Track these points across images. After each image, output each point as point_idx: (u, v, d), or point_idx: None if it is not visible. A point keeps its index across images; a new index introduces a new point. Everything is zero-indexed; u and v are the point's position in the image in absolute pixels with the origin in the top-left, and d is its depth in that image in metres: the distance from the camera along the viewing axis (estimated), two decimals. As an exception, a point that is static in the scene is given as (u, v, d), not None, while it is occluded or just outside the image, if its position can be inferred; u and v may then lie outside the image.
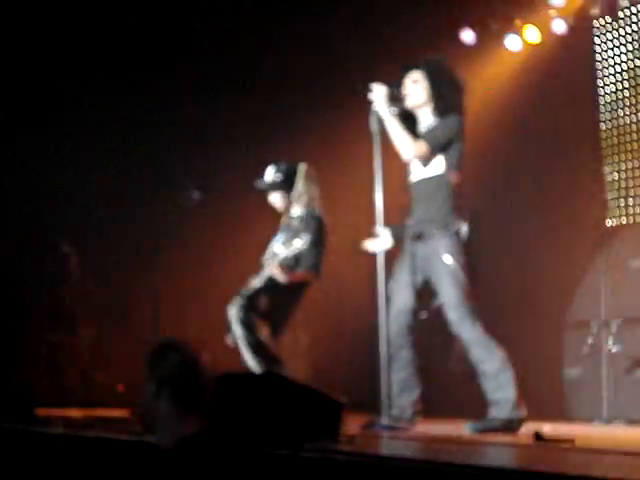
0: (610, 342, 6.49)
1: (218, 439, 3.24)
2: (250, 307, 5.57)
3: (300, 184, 5.83)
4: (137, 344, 6.71)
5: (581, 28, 7.64)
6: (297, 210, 5.86)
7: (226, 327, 5.62)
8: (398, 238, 5.09)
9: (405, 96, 5.02)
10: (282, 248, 5.65)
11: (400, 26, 7.50)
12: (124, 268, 7.48)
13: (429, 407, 5.02)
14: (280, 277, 5.56)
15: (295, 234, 5.65)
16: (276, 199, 5.94)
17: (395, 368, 4.93)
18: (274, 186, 5.90)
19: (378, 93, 4.95)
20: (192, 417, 2.99)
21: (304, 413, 3.76)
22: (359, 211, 5.79)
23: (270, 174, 5.91)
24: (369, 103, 4.99)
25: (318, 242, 5.69)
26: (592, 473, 2.73)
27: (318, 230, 5.71)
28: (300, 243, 5.50)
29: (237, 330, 5.54)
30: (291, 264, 5.64)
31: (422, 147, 4.90)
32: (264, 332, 5.61)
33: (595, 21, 7.79)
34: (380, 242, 5.12)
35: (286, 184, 5.85)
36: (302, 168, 5.88)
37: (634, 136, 7.64)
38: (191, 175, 7.19)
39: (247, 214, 7.13)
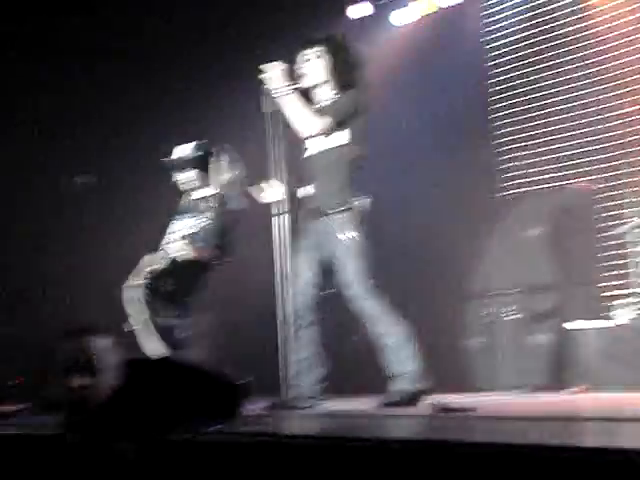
0: (506, 311, 6.59)
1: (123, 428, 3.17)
2: (155, 289, 5.44)
3: (215, 164, 5.71)
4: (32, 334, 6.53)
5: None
6: (206, 191, 5.73)
7: (123, 312, 5.47)
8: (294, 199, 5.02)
9: (303, 74, 4.96)
10: (187, 227, 5.54)
11: (288, 4, 7.46)
12: (15, 256, 7.25)
13: (334, 385, 5.00)
14: (189, 252, 5.46)
15: (203, 214, 5.55)
16: (187, 177, 5.76)
17: (299, 346, 4.90)
18: (191, 163, 5.73)
19: (274, 71, 4.87)
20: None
21: (203, 396, 3.71)
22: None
23: (188, 150, 5.73)
24: (261, 84, 4.91)
25: (226, 222, 5.58)
26: (495, 440, 2.74)
27: (226, 211, 5.62)
28: (206, 221, 5.40)
29: (141, 312, 5.40)
30: (198, 242, 5.53)
31: (326, 121, 4.86)
32: (169, 314, 5.50)
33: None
34: (271, 192, 5.06)
35: (203, 163, 5.71)
36: (228, 148, 5.77)
37: (523, 108, 7.77)
38: (82, 158, 7.00)
39: (141, 197, 6.99)
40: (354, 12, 7.91)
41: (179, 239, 5.53)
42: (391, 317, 4.77)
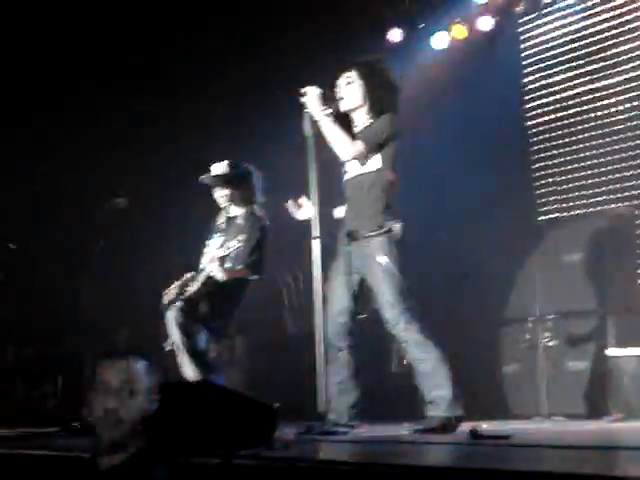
0: (546, 337, 6.52)
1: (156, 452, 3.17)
2: (189, 311, 5.45)
3: (250, 183, 5.75)
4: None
5: (506, 24, 7.73)
6: (237, 210, 5.77)
7: (163, 333, 5.49)
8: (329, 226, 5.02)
9: (340, 98, 4.98)
10: (220, 247, 5.57)
11: (329, 27, 7.50)
12: (51, 274, 7.31)
13: (369, 410, 4.96)
14: (219, 274, 5.47)
15: (234, 234, 5.57)
16: (221, 195, 5.81)
17: (333, 371, 4.87)
18: (224, 180, 5.75)
19: (311, 95, 4.90)
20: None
21: (238, 421, 3.70)
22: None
23: (221, 168, 5.76)
24: (302, 107, 4.94)
25: (256, 241, 5.60)
26: (527, 468, 2.70)
27: (257, 229, 5.64)
28: (237, 242, 5.42)
29: (175, 335, 5.42)
30: (229, 263, 5.54)
31: (359, 146, 4.87)
32: (203, 338, 5.51)
33: (520, 18, 7.90)
34: (303, 211, 5.06)
35: (236, 181, 5.75)
36: (253, 168, 5.82)
37: (561, 132, 7.73)
38: (116, 180, 7.05)
39: (178, 216, 7.01)
40: (394, 36, 7.93)
41: (210, 261, 5.54)
42: (426, 342, 4.73)
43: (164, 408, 3.71)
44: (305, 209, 5.07)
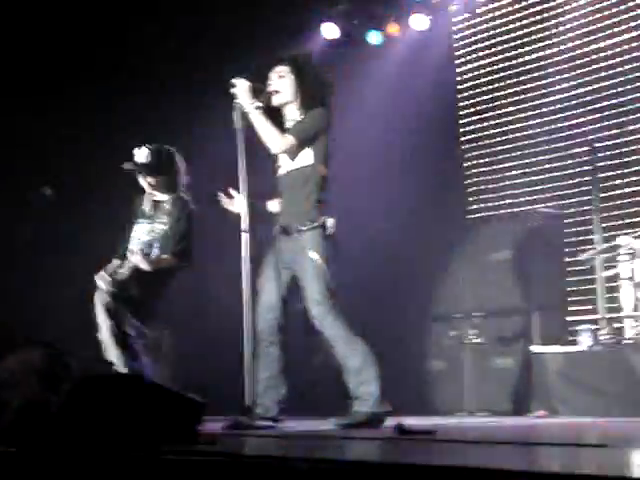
0: (472, 334, 6.59)
1: (72, 442, 3.12)
2: (118, 295, 5.35)
3: (174, 167, 5.67)
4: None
5: (440, 23, 7.79)
6: (163, 195, 5.69)
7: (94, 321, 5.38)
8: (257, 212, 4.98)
9: (271, 91, 4.95)
10: (145, 234, 5.49)
11: (263, 20, 7.46)
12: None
13: (294, 405, 4.95)
14: (143, 265, 5.40)
15: (161, 219, 5.50)
16: (145, 181, 5.71)
17: (261, 366, 4.85)
18: (147, 167, 5.67)
19: (241, 87, 4.86)
20: None
21: (162, 415, 3.66)
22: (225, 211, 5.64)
23: (143, 155, 5.66)
24: (232, 98, 4.89)
25: (184, 228, 5.54)
26: (453, 462, 2.71)
27: (185, 215, 5.57)
28: (164, 227, 5.34)
29: (101, 318, 5.32)
30: (156, 250, 5.47)
31: (290, 140, 4.85)
32: (132, 325, 5.42)
33: (454, 16, 7.98)
34: (235, 202, 5.02)
35: (159, 167, 5.65)
36: (176, 153, 5.73)
37: (492, 132, 7.82)
38: (42, 173, 6.91)
39: (103, 202, 6.89)
40: (329, 31, 7.93)
41: (137, 250, 5.47)
42: (353, 339, 4.74)
43: (87, 401, 3.65)
44: (236, 201, 5.03)
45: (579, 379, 5.81)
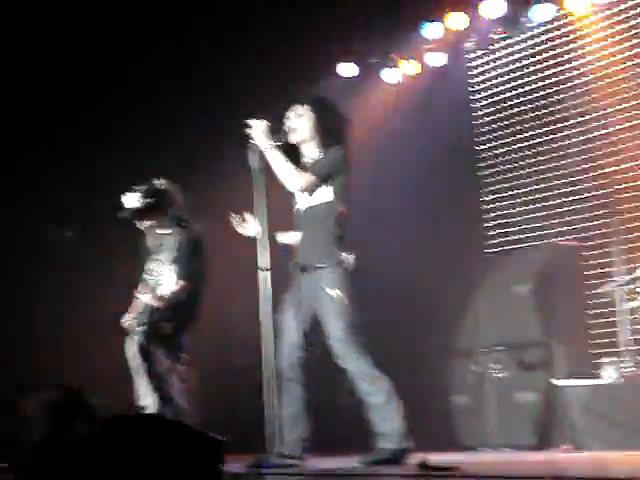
0: (494, 368, 6.57)
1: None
2: (151, 333, 5.38)
3: (169, 201, 5.66)
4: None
5: (456, 60, 7.84)
6: (165, 230, 5.68)
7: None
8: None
9: (290, 130, 5.01)
10: (155, 269, 5.53)
11: (281, 60, 7.53)
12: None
13: (319, 442, 4.95)
14: (157, 303, 5.43)
15: (165, 252, 5.53)
16: (144, 225, 5.72)
17: (284, 404, 4.86)
18: (139, 211, 5.63)
19: (257, 128, 4.93)
20: None
21: (184, 454, 3.67)
22: (244, 248, 5.66)
23: (132, 200, 5.63)
24: (248, 139, 4.96)
25: (191, 250, 5.55)
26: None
27: (192, 240, 5.58)
28: (170, 259, 5.38)
29: (135, 360, 5.34)
30: (168, 283, 5.49)
31: (309, 178, 4.90)
32: (164, 365, 5.43)
33: (469, 54, 8.03)
34: (248, 227, 5.06)
35: (151, 206, 5.65)
36: (172, 187, 5.73)
37: (512, 166, 7.84)
38: (60, 210, 6.98)
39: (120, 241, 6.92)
40: (345, 70, 8.00)
41: (149, 289, 5.49)
42: (376, 375, 4.74)
43: (110, 442, 3.67)
44: (250, 225, 5.07)
45: (603, 412, 5.77)
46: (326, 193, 4.92)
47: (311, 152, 5.03)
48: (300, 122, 5.02)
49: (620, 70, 7.12)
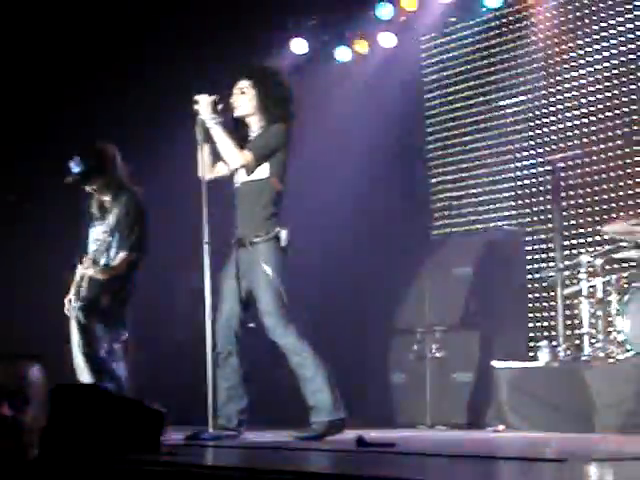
0: (434, 348, 6.65)
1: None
2: (90, 308, 5.32)
3: (109, 164, 5.59)
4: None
5: (408, 41, 7.86)
6: (107, 194, 5.61)
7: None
8: None
9: (234, 106, 5.01)
10: (98, 237, 5.46)
11: (231, 35, 7.49)
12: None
13: (255, 416, 4.98)
14: (98, 276, 5.38)
15: (108, 218, 5.47)
16: (89, 188, 5.65)
17: (222, 377, 4.89)
18: (82, 176, 5.50)
19: (203, 103, 4.93)
20: None
21: (124, 425, 3.68)
22: (187, 223, 5.62)
23: (74, 164, 5.51)
24: (195, 113, 4.96)
25: (133, 218, 5.50)
26: (411, 475, 2.76)
27: (132, 206, 5.52)
28: (112, 227, 5.34)
29: (74, 337, 5.29)
30: (112, 252, 5.44)
31: (247, 156, 4.92)
32: (103, 342, 5.37)
33: (422, 36, 8.06)
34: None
35: (92, 170, 5.58)
36: (110, 149, 5.66)
37: (457, 149, 7.91)
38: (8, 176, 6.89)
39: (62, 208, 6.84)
40: (297, 47, 7.97)
41: (88, 259, 5.42)
42: (305, 347, 4.79)
43: (54, 413, 3.67)
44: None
45: (536, 394, 5.87)
46: (263, 169, 4.94)
47: (255, 126, 5.05)
48: (243, 97, 5.03)
49: (569, 58, 7.21)
